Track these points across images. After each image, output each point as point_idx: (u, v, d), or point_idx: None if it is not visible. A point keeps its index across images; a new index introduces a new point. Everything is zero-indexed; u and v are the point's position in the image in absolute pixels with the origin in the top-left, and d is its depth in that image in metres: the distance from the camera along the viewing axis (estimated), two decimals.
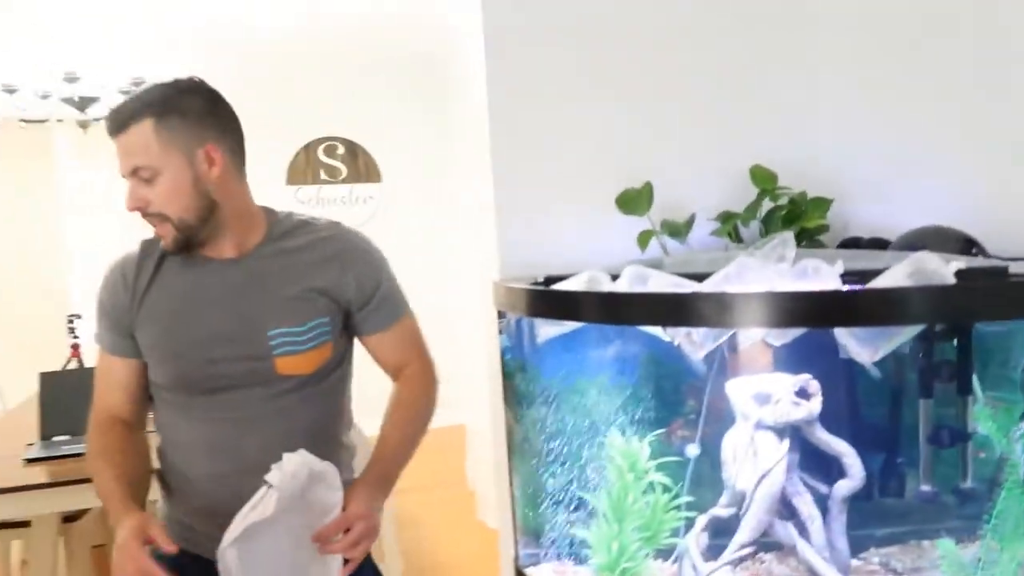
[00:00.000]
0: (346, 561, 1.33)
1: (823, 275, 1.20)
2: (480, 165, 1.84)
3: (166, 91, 1.33)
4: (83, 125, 4.30)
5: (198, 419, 1.38)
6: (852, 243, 1.66)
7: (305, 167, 5.69)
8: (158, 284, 1.39)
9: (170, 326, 1.33)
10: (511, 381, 1.65)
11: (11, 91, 4.05)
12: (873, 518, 1.49)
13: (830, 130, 1.86)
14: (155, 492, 1.49)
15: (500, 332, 1.66)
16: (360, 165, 5.78)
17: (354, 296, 1.46)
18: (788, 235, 1.23)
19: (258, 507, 1.23)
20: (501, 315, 1.65)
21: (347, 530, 1.30)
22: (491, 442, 1.93)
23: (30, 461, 2.55)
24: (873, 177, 1.78)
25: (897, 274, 1.16)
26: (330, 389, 1.48)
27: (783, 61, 1.87)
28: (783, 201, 1.73)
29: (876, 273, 1.18)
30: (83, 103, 4.12)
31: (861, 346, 1.17)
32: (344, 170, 5.75)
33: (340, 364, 1.50)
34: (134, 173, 1.30)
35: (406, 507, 4.24)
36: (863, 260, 1.31)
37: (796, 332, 1.23)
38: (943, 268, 1.15)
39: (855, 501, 1.46)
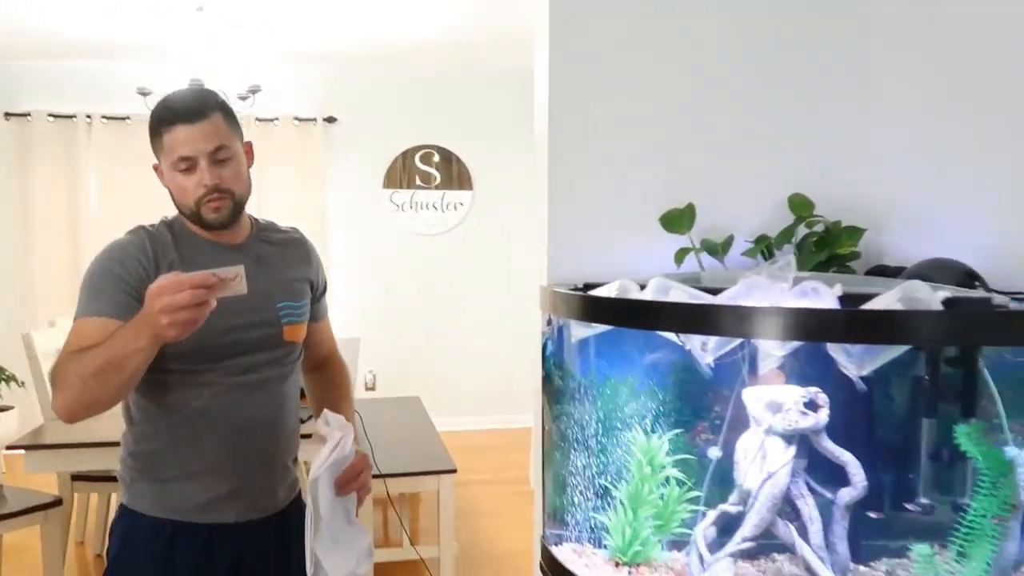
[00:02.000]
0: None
1: (822, 295, 1.32)
2: (540, 180, 2.02)
3: (216, 94, 1.57)
4: None
5: (211, 384, 1.53)
6: (879, 271, 1.76)
7: (401, 172, 5.99)
8: (182, 259, 1.54)
9: None
10: (550, 379, 1.81)
11: (144, 94, 4.47)
12: (886, 530, 1.59)
13: (874, 163, 1.95)
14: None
15: (544, 334, 1.83)
16: (453, 173, 6.05)
17: (317, 285, 1.74)
18: (790, 257, 1.36)
19: (338, 447, 1.48)
20: (550, 321, 1.82)
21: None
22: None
23: None
24: (911, 210, 1.87)
25: (889, 298, 1.28)
26: (297, 367, 1.70)
27: (832, 95, 1.98)
28: (819, 228, 1.84)
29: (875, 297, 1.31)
30: None
31: (849, 361, 1.28)
32: (438, 177, 6.03)
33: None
34: (214, 152, 1.49)
35: (469, 498, 4.45)
36: (868, 285, 1.42)
37: (794, 344, 1.35)
38: (931, 296, 1.26)
39: (872, 512, 1.56)
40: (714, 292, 1.48)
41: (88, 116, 5.56)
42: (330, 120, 5.87)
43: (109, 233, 5.87)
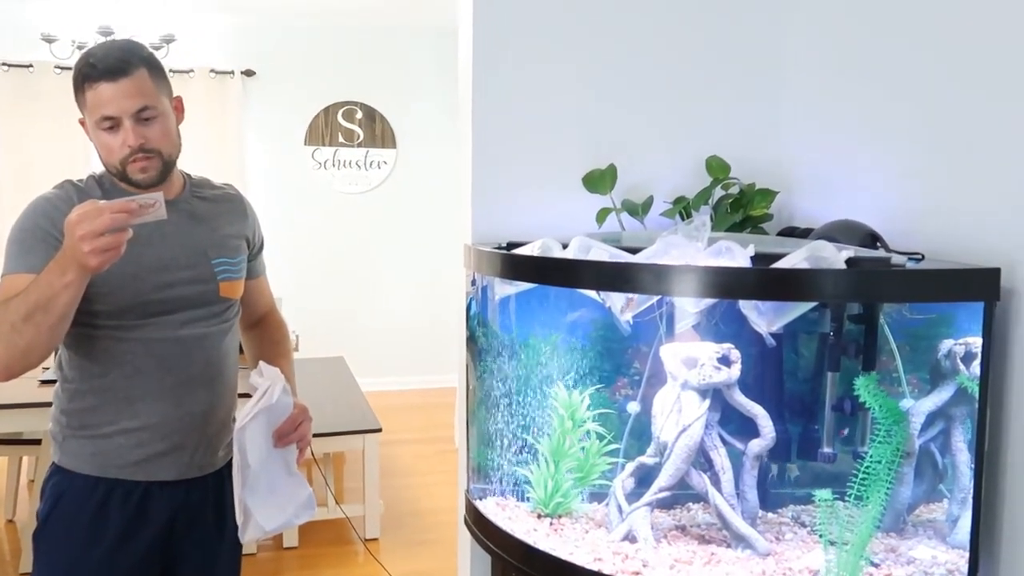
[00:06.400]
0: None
1: (735, 254, 1.37)
2: (464, 140, 2.02)
3: (143, 48, 1.51)
4: None
5: (147, 340, 1.51)
6: (789, 231, 1.83)
7: (324, 129, 5.88)
8: None
9: (128, 253, 1.35)
10: (474, 338, 1.84)
11: (50, 40, 4.26)
12: (795, 478, 1.67)
13: (786, 129, 2.02)
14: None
15: (468, 294, 1.85)
16: (377, 130, 5.96)
17: (253, 242, 1.73)
18: (705, 218, 1.41)
19: (265, 396, 1.49)
20: (474, 281, 1.84)
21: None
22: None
23: (44, 382, 2.79)
24: (820, 175, 1.94)
25: (796, 257, 1.33)
26: (236, 325, 1.70)
27: (750, 62, 2.03)
28: (734, 190, 1.90)
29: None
30: None
31: (760, 318, 1.34)
32: (361, 134, 5.94)
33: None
34: (139, 113, 1.45)
35: (394, 457, 4.48)
36: (779, 245, 1.48)
37: (708, 302, 1.40)
38: (835, 255, 1.32)
39: (780, 462, 1.64)
40: (634, 251, 1.52)
41: None
42: (248, 73, 5.71)
43: (11, 188, 5.58)
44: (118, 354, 1.52)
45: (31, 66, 5.29)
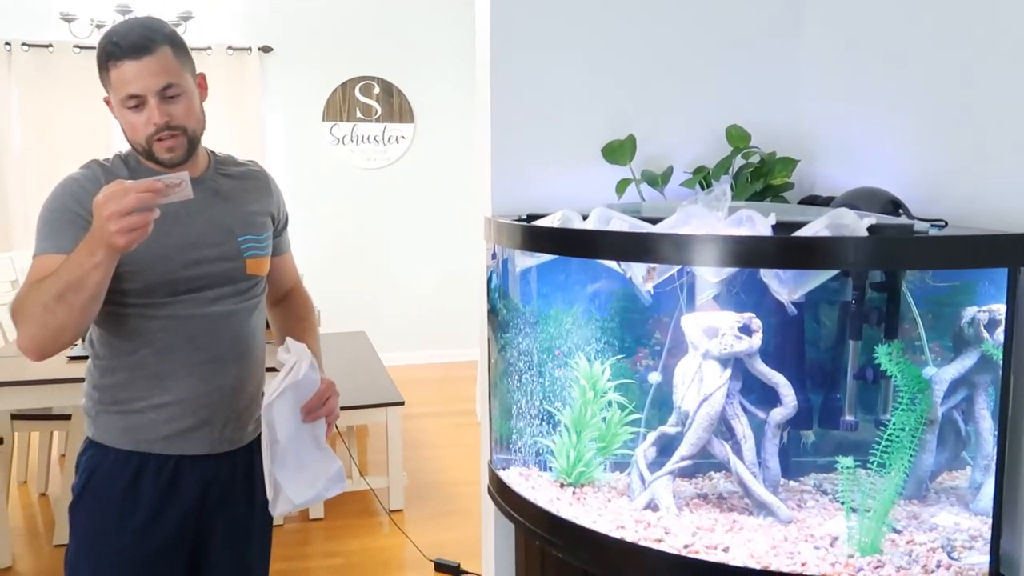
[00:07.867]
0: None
1: (756, 223, 1.37)
2: (483, 112, 2.02)
3: (165, 25, 1.52)
4: None
5: (175, 318, 1.53)
6: (810, 200, 1.82)
7: (341, 104, 5.88)
8: None
9: (155, 232, 1.35)
10: (495, 310, 1.85)
11: (69, 20, 4.28)
12: (817, 447, 1.67)
13: (807, 97, 2.00)
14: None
15: (488, 267, 1.86)
16: (394, 105, 5.95)
17: (278, 219, 1.74)
18: (725, 187, 1.40)
19: (292, 372, 1.51)
20: (494, 255, 1.85)
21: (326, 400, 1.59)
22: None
23: (73, 358, 2.84)
24: (841, 142, 1.92)
25: (817, 226, 1.33)
26: (263, 301, 1.71)
27: (769, 30, 2.01)
28: (754, 159, 1.89)
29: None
30: None
31: (781, 287, 1.34)
32: (379, 109, 5.94)
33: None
34: (163, 90, 1.46)
35: (417, 429, 4.52)
36: (800, 214, 1.47)
37: (729, 271, 1.40)
38: (857, 223, 1.32)
39: (802, 431, 1.64)
40: (654, 222, 1.52)
41: (7, 43, 5.30)
42: (265, 50, 5.71)
43: (34, 168, 5.66)
44: (147, 332, 1.54)
45: (51, 46, 5.32)
